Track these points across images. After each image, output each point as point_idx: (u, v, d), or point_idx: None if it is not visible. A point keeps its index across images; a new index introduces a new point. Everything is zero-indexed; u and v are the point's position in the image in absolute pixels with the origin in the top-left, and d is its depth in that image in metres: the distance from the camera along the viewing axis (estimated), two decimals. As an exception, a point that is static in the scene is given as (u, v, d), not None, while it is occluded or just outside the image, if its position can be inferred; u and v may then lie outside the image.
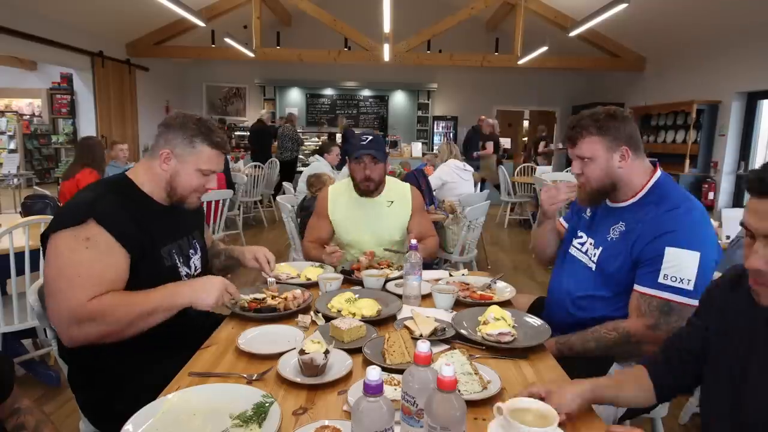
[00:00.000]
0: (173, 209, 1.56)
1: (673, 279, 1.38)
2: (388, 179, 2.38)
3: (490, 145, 8.33)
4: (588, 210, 1.74)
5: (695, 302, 1.31)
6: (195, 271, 1.63)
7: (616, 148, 1.52)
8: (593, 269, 1.61)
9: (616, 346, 1.45)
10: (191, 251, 1.63)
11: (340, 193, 2.37)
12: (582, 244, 1.70)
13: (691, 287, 1.37)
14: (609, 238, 1.57)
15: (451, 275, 2.05)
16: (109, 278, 1.32)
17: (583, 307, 1.63)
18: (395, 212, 2.33)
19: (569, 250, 1.77)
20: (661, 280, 1.40)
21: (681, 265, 1.38)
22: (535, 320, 1.53)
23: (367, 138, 2.25)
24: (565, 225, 1.93)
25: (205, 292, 1.39)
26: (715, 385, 1.05)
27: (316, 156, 5.93)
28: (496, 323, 1.42)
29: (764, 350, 0.95)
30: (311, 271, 1.99)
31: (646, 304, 1.42)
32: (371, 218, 2.30)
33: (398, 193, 2.36)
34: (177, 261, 1.54)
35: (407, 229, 2.35)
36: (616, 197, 1.59)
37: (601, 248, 1.59)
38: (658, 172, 1.57)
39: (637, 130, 1.57)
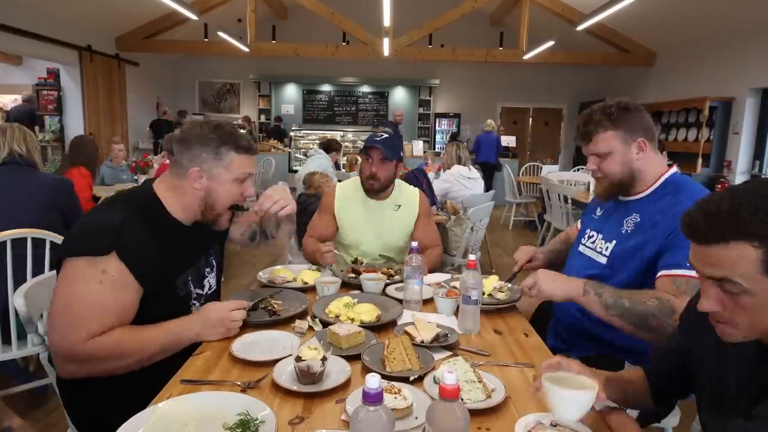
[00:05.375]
0: (194, 228, 1.52)
1: None
2: (398, 183, 2.38)
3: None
4: (598, 209, 1.76)
5: None
6: (209, 289, 1.62)
7: (632, 140, 1.53)
8: (604, 263, 1.60)
9: (652, 316, 1.35)
10: (207, 270, 1.61)
11: (348, 191, 2.36)
12: (592, 242, 1.71)
13: None
14: (623, 231, 1.57)
15: (454, 279, 2.05)
16: (115, 314, 1.30)
17: None
18: (402, 217, 2.33)
19: (578, 249, 1.77)
20: None
21: None
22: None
23: (381, 135, 2.27)
24: (579, 227, 1.93)
25: (208, 331, 1.41)
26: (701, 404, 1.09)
27: (317, 149, 5.91)
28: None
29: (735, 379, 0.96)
30: (308, 275, 1.99)
31: (683, 283, 1.37)
32: (377, 221, 2.30)
33: (406, 197, 2.36)
34: (191, 288, 1.52)
35: (411, 235, 2.35)
36: (630, 191, 1.60)
37: (614, 242, 1.59)
38: (674, 168, 1.59)
39: (652, 122, 1.57)
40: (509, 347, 1.47)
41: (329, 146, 5.84)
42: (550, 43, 7.33)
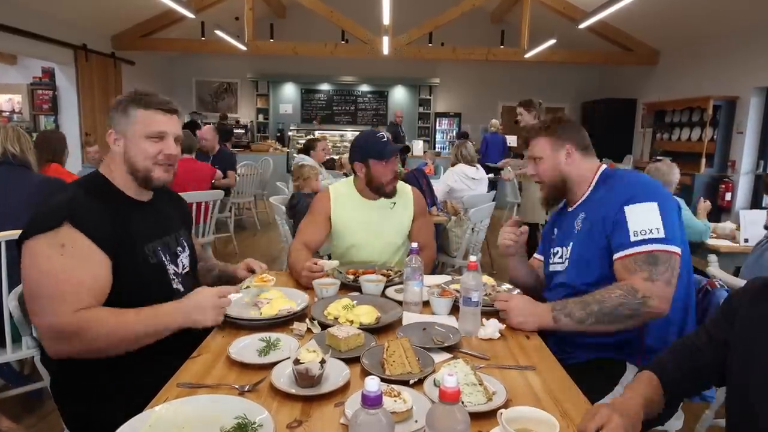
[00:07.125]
0: (153, 205, 1.59)
1: (643, 232, 1.49)
2: None
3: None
4: (555, 230, 1.87)
5: (675, 248, 1.48)
6: (183, 269, 1.65)
7: (561, 146, 1.75)
8: (567, 266, 1.72)
9: (621, 306, 1.45)
10: (179, 249, 1.66)
11: (343, 193, 2.34)
12: (558, 256, 1.79)
13: (662, 234, 1.48)
14: (575, 231, 1.71)
15: (454, 281, 2.05)
16: (89, 286, 1.33)
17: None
18: (397, 214, 2.33)
19: (550, 269, 1.84)
20: (632, 238, 1.50)
21: (643, 218, 1.51)
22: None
23: (384, 135, 2.27)
24: (540, 258, 2.00)
25: (199, 312, 1.42)
26: (737, 397, 1.06)
27: (302, 156, 5.84)
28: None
29: None
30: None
31: (632, 263, 1.50)
32: (374, 220, 2.30)
33: (400, 193, 2.36)
34: (164, 258, 1.56)
35: (409, 236, 2.36)
36: (572, 198, 1.77)
37: (572, 243, 1.72)
38: (603, 166, 1.77)
39: (585, 134, 1.79)
40: (510, 349, 1.47)
41: (308, 147, 5.54)
42: (552, 42, 7.33)
